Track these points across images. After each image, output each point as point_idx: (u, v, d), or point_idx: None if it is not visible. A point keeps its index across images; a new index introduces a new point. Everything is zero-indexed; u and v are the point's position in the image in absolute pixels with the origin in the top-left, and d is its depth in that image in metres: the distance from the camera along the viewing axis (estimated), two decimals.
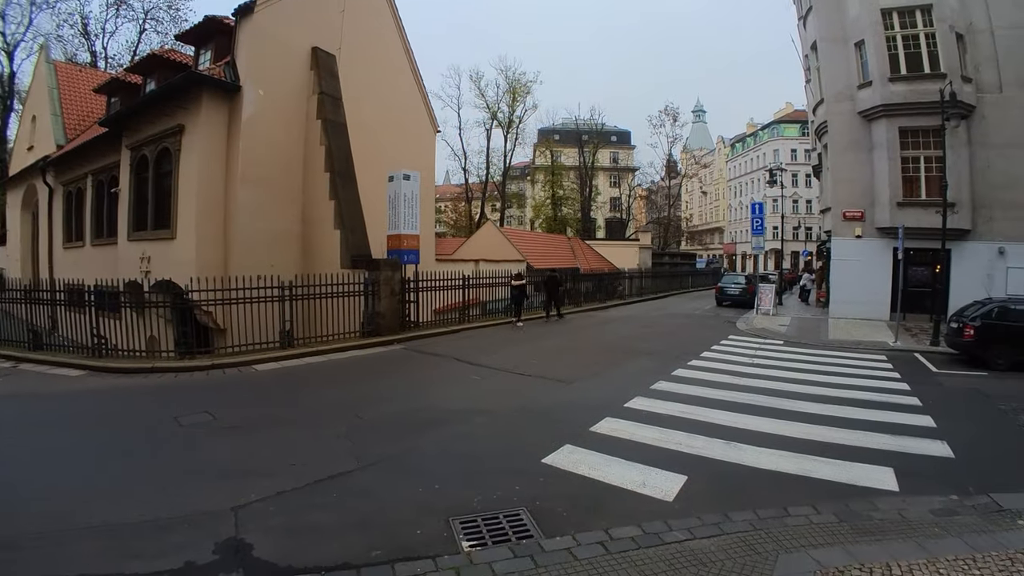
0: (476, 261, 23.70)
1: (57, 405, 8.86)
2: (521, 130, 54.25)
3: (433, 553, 3.98)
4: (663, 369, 10.68)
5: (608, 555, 3.95)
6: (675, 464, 5.69)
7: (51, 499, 4.86)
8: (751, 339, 15.26)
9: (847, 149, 19.92)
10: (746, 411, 7.74)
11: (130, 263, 15.73)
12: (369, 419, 7.44)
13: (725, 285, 27.16)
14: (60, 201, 22.05)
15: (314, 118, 15.97)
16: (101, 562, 3.87)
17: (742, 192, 72.84)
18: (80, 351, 12.23)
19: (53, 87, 22.95)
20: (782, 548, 4.05)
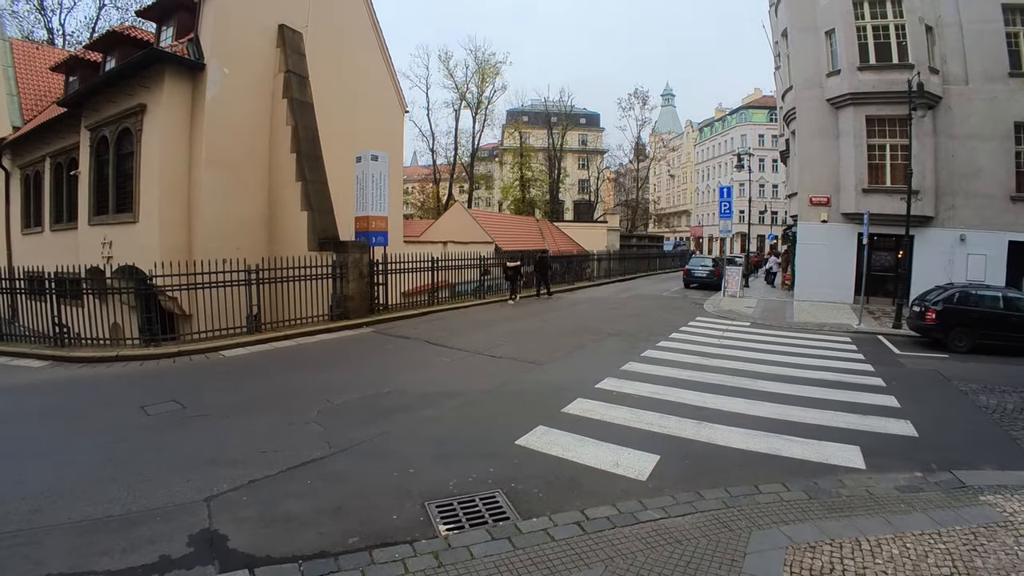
0: (444, 243, 23.56)
1: (19, 398, 8.58)
2: (490, 111, 54.11)
3: (410, 538, 3.98)
4: (633, 350, 10.79)
5: (585, 535, 4.01)
6: (647, 444, 5.78)
7: (23, 497, 4.71)
8: (719, 320, 15.50)
9: (814, 135, 20.25)
10: (715, 391, 7.90)
11: (91, 248, 15.26)
12: (339, 404, 7.39)
13: (693, 267, 27.42)
14: (17, 185, 21.29)
15: (280, 97, 15.62)
16: (73, 560, 3.78)
17: (709, 176, 73.46)
18: (42, 341, 11.90)
19: (8, 65, 21.95)
20: (755, 525, 4.15)
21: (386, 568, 3.60)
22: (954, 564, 3.68)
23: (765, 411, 7.03)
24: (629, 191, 71.78)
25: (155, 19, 16.87)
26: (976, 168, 18.14)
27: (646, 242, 54.28)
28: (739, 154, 34.79)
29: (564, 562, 3.68)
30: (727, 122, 70.10)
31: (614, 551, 3.81)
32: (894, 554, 3.78)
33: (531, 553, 3.78)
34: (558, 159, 57.74)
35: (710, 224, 68.84)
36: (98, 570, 3.67)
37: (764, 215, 57.46)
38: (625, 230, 56.31)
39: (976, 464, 5.58)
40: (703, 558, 3.73)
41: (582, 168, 68.75)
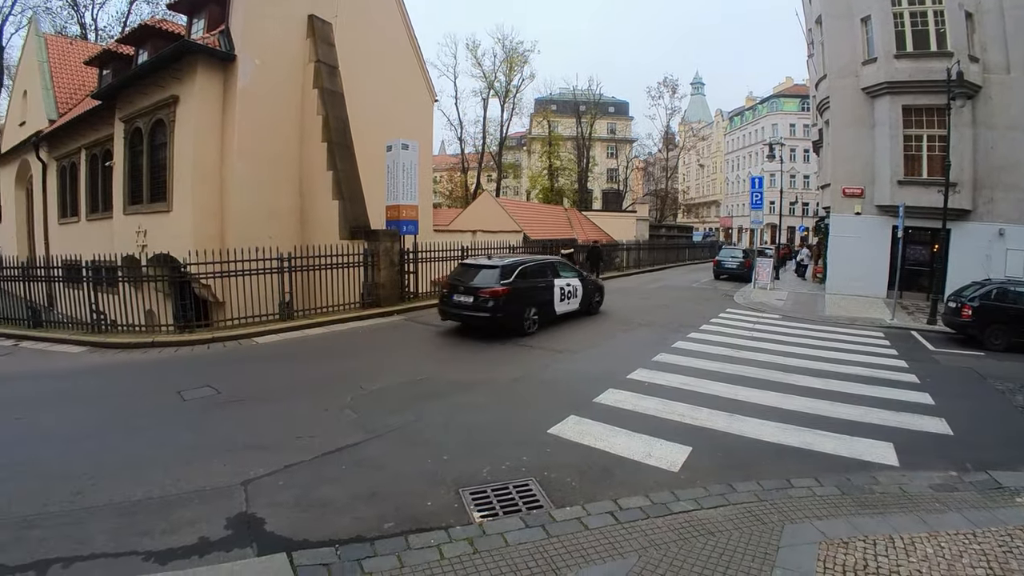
0: (473, 232, 23.62)
1: (60, 382, 8.82)
2: (518, 100, 53.96)
3: (445, 524, 4.02)
4: (663, 341, 10.74)
5: (618, 525, 4.01)
6: (679, 435, 5.76)
7: (67, 477, 4.86)
8: (749, 313, 15.32)
9: (849, 125, 19.78)
10: (747, 384, 7.82)
11: (126, 237, 15.60)
12: (373, 390, 7.47)
13: (723, 259, 27.08)
14: (54, 176, 21.78)
15: (311, 87, 15.71)
16: (115, 540, 3.88)
17: (740, 166, 72.42)
18: (80, 327, 12.19)
19: (43, 61, 22.50)
20: (787, 519, 4.11)
21: (422, 553, 3.64)
22: (989, 565, 3.60)
23: (796, 405, 6.94)
24: (658, 181, 71.03)
25: (186, 12, 17.08)
26: (1016, 160, 17.52)
27: (675, 232, 53.80)
28: (770, 144, 34.14)
29: (598, 551, 3.69)
30: (758, 111, 68.90)
31: (648, 541, 3.81)
32: (928, 553, 3.72)
33: (565, 541, 3.79)
34: (587, 148, 57.23)
35: (740, 215, 67.89)
36: (140, 550, 3.76)
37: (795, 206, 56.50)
38: (654, 220, 55.69)
39: (1013, 465, 5.44)
40: (736, 551, 3.70)
41: (611, 157, 68.24)
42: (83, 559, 3.68)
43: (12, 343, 11.80)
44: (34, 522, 4.13)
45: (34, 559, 3.67)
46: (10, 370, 9.81)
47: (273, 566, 3.50)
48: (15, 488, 4.69)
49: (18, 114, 24.86)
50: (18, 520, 4.15)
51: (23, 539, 3.90)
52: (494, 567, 3.51)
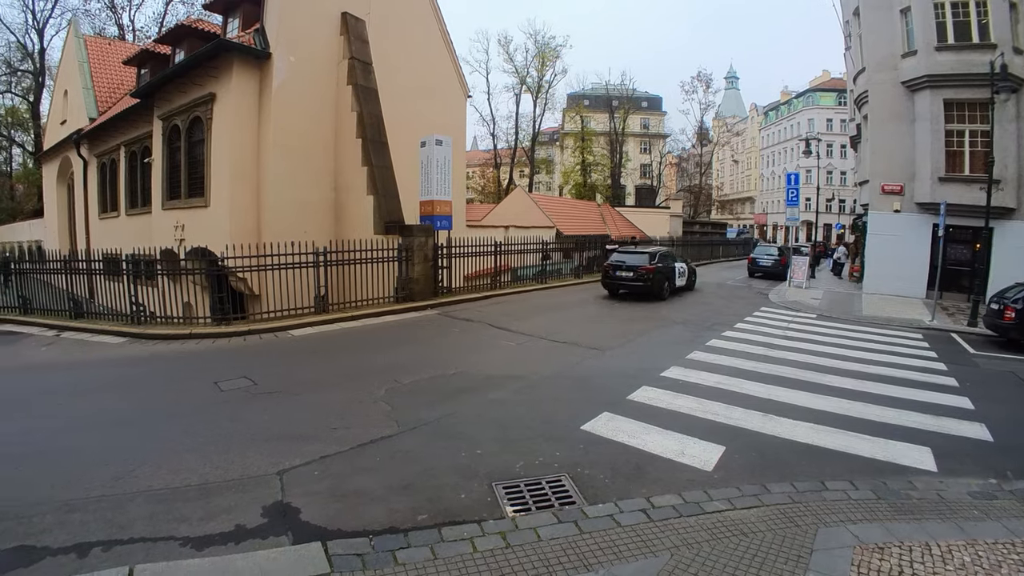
0: (506, 227, 23.68)
1: (101, 371, 9.10)
2: (550, 95, 53.82)
3: (478, 517, 4.05)
4: (697, 339, 10.65)
5: (651, 523, 3.99)
6: (713, 434, 5.70)
7: (107, 464, 5.00)
8: (784, 311, 15.09)
9: (888, 120, 19.26)
10: (781, 384, 7.70)
11: (165, 231, 16.00)
12: (406, 384, 7.53)
13: (757, 256, 26.73)
14: (94, 173, 22.45)
15: (345, 84, 15.91)
16: (153, 525, 3.99)
17: (775, 162, 71.16)
18: (119, 319, 12.54)
19: (83, 61, 23.19)
20: (821, 522, 4.04)
21: (455, 546, 3.67)
22: None
23: (832, 406, 6.80)
24: (692, 176, 70.36)
25: (221, 11, 17.43)
26: None
27: (709, 229, 53.11)
28: (806, 139, 33.44)
29: (630, 548, 3.68)
30: (793, 106, 67.55)
31: (680, 540, 3.78)
32: (965, 561, 3.62)
33: (597, 538, 3.79)
34: (619, 143, 56.73)
35: (775, 211, 66.81)
36: (177, 536, 3.86)
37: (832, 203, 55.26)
38: (688, 216, 55.14)
39: None
40: (769, 552, 3.65)
41: (644, 152, 67.67)
42: (122, 543, 3.78)
43: (54, 333, 12.19)
44: (75, 506, 4.26)
45: (75, 542, 3.79)
46: (53, 359, 10.15)
47: (308, 555, 3.55)
48: (57, 473, 4.85)
49: (59, 113, 25.70)
50: (60, 504, 4.29)
51: (65, 522, 4.03)
52: (526, 561, 3.52)
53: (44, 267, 15.58)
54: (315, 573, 3.37)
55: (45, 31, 39.45)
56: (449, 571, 3.42)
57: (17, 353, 10.76)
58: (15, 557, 3.63)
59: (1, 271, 17.98)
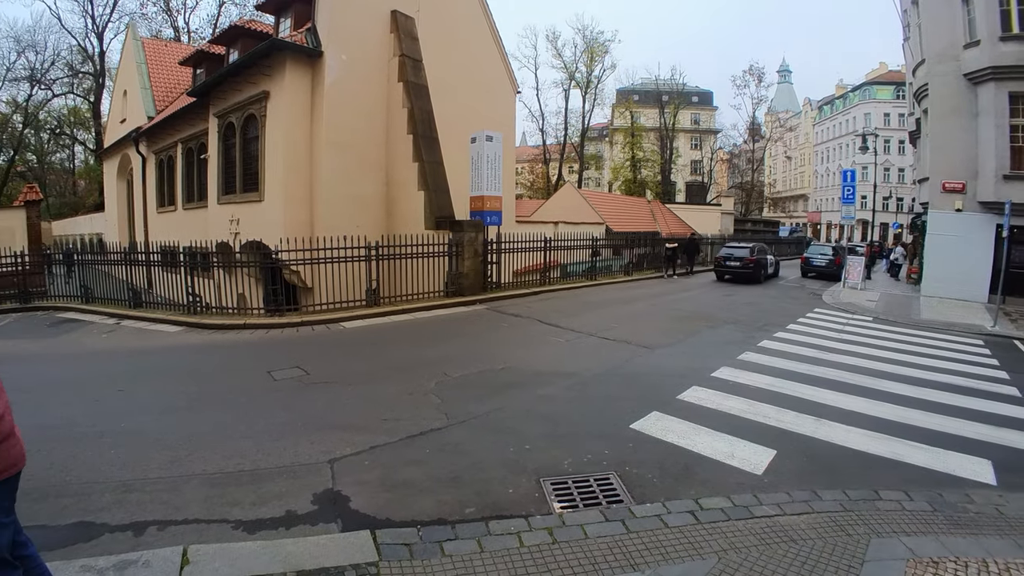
0: (555, 223, 23.68)
1: (159, 359, 9.48)
2: (599, 91, 53.87)
3: (525, 512, 4.05)
4: (748, 339, 10.44)
5: (699, 525, 3.94)
6: (763, 437, 5.58)
7: (164, 447, 5.21)
8: (838, 313, 14.64)
9: (949, 115, 18.42)
10: (835, 388, 7.48)
11: (220, 225, 16.53)
12: (456, 377, 7.60)
13: (811, 255, 26.08)
14: (152, 169, 23.35)
15: (396, 81, 16.13)
16: (207, 508, 4.13)
17: (829, 158, 68.90)
18: (176, 308, 13.03)
19: (141, 62, 24.17)
20: (873, 532, 3.90)
21: (502, 540, 3.68)
22: None
23: (886, 412, 6.56)
24: (743, 173, 68.98)
25: (273, 12, 17.84)
26: None
27: (761, 227, 51.95)
28: (863, 134, 32.24)
29: (677, 549, 3.63)
30: (849, 100, 65.18)
31: (728, 543, 3.71)
32: None
33: (644, 538, 3.76)
34: (670, 139, 56.13)
35: (829, 210, 64.83)
36: (230, 519, 3.97)
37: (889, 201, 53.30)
38: (739, 214, 54.08)
39: None
40: (819, 561, 3.54)
41: (695, 148, 66.73)
42: (177, 523, 3.92)
43: (115, 322, 12.77)
44: (133, 486, 4.45)
45: (132, 520, 3.94)
46: (113, 346, 10.61)
47: (357, 542, 3.61)
48: (116, 454, 5.07)
49: (119, 112, 26.82)
50: (119, 484, 4.49)
51: (123, 501, 4.21)
52: (572, 558, 3.50)
53: (105, 259, 16.27)
54: (363, 561, 3.41)
55: (104, 35, 41.48)
56: (496, 565, 3.43)
57: (79, 340, 11.28)
58: (75, 532, 3.81)
59: (64, 262, 18.91)
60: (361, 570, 3.34)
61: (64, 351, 10.36)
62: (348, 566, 3.37)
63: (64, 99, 46.84)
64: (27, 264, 16.05)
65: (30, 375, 8.10)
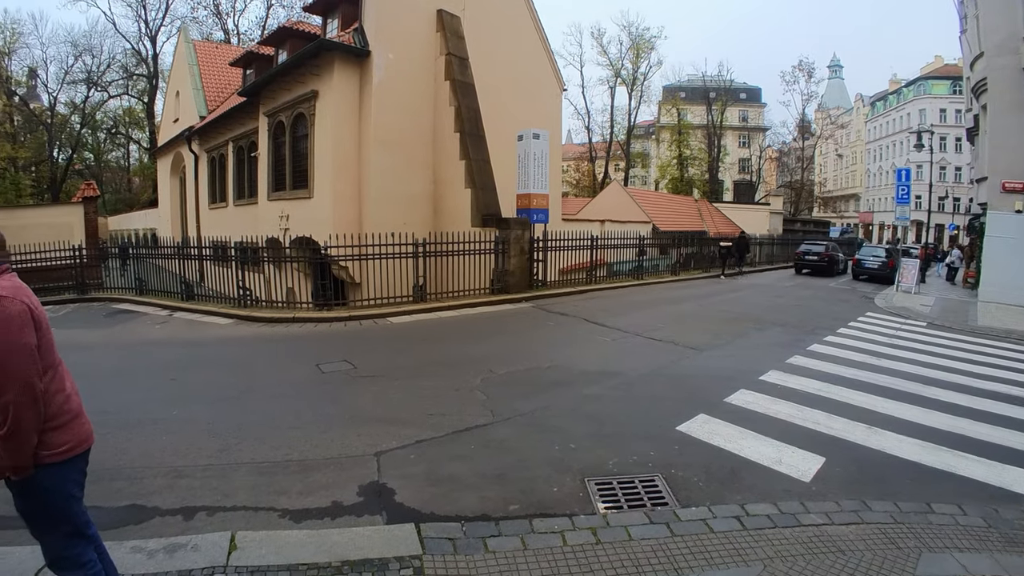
0: (602, 221, 23.66)
1: (211, 350, 9.78)
2: (645, 88, 53.43)
3: (569, 512, 4.05)
4: (798, 343, 10.22)
5: (744, 531, 3.88)
6: (812, 444, 5.46)
7: (215, 435, 5.40)
8: (891, 317, 14.19)
9: (1009, 110, 17.59)
10: (887, 395, 7.25)
11: (270, 221, 16.97)
12: (501, 374, 7.64)
13: (863, 257, 25.28)
14: (204, 166, 24.09)
15: (442, 79, 16.26)
16: (255, 496, 4.25)
17: (882, 156, 66.50)
18: (227, 301, 13.44)
19: (193, 64, 25.00)
20: (924, 546, 3.77)
21: (545, 538, 3.67)
22: None
23: (941, 422, 6.32)
24: (793, 171, 67.22)
25: (320, 13, 18.16)
26: None
27: (811, 227, 50.61)
28: (918, 132, 30.94)
29: (722, 555, 3.58)
30: (903, 95, 62.73)
31: (774, 551, 3.64)
32: None
33: (688, 542, 3.72)
34: (717, 137, 55.33)
35: (881, 210, 62.70)
36: (277, 508, 4.07)
37: (944, 202, 51.17)
38: (788, 213, 52.74)
39: None
40: (867, 573, 3.44)
41: (743, 146, 65.55)
42: (225, 510, 4.04)
43: (168, 313, 13.25)
44: (183, 472, 4.61)
45: (183, 505, 4.09)
46: (167, 336, 11.00)
47: (402, 535, 3.65)
48: (168, 440, 5.27)
49: (172, 112, 27.79)
50: (170, 469, 4.66)
51: (174, 486, 4.37)
52: (616, 559, 3.50)
53: (158, 253, 16.94)
54: (408, 554, 3.44)
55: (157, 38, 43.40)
56: (539, 562, 3.43)
57: (134, 330, 11.73)
58: (127, 514, 3.97)
59: (119, 256, 19.73)
60: (405, 563, 3.38)
61: (119, 340, 10.79)
62: (392, 558, 3.41)
63: (119, 100, 49.04)
64: (84, 257, 16.73)
65: (87, 363, 8.46)
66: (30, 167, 44.39)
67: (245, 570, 3.28)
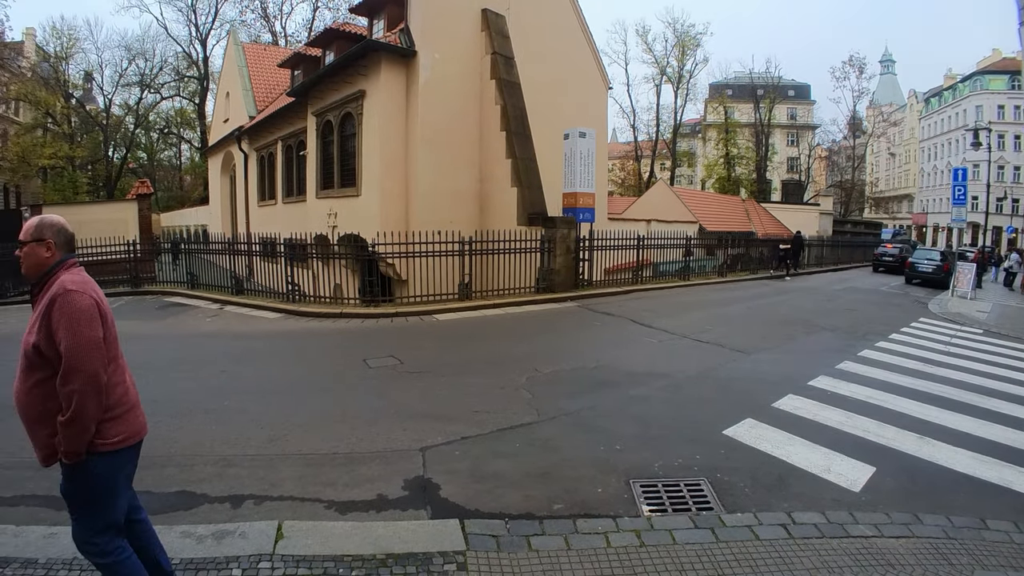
0: (648, 221, 23.46)
1: (260, 343, 10.09)
2: (691, 85, 53.06)
3: (613, 513, 4.05)
4: (848, 348, 9.95)
5: (790, 539, 3.81)
6: (862, 452, 5.34)
7: (263, 426, 5.57)
8: (945, 324, 13.70)
9: None
10: (941, 404, 7.02)
11: (319, 218, 17.30)
12: (547, 373, 7.67)
13: (916, 260, 24.49)
14: (254, 165, 24.71)
15: (488, 78, 16.34)
16: (302, 486, 4.37)
17: (937, 155, 63.56)
18: (275, 296, 13.84)
19: (242, 65, 25.71)
20: (978, 563, 3.64)
21: (588, 539, 3.67)
22: None
23: (998, 435, 6.07)
24: (843, 171, 65.34)
25: (366, 14, 18.44)
26: None
27: (862, 229, 49.35)
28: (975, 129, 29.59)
29: (767, 563, 3.53)
30: (958, 91, 59.89)
31: (820, 562, 3.57)
32: None
33: (733, 548, 3.68)
34: (765, 135, 54.30)
35: (936, 211, 60.12)
36: (323, 498, 4.18)
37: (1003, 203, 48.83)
38: (838, 214, 51.35)
39: None
40: None
41: (791, 145, 64.22)
42: (272, 499, 4.16)
43: (218, 307, 13.71)
44: (232, 461, 4.78)
45: (231, 493, 4.23)
46: (217, 329, 11.37)
47: (446, 530, 3.69)
48: (218, 430, 5.46)
49: (222, 112, 28.62)
50: (219, 458, 4.84)
51: (223, 475, 4.53)
52: (659, 563, 3.48)
53: (209, 248, 17.52)
54: (451, 549, 3.48)
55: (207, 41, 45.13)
56: (582, 563, 3.43)
57: (186, 322, 12.17)
58: (177, 500, 4.14)
59: (172, 251, 20.51)
60: (449, 558, 3.41)
61: (172, 332, 11.23)
62: (436, 553, 3.45)
63: (171, 101, 50.88)
64: (138, 252, 17.51)
65: (140, 353, 8.76)
66: (86, 166, 46.58)
67: (291, 559, 3.36)
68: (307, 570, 3.27)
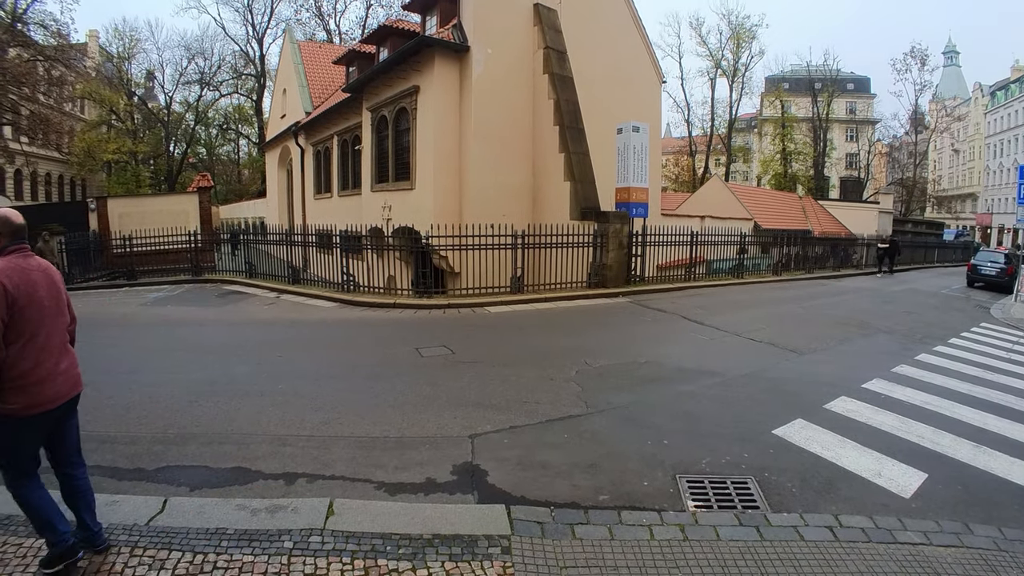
0: (701, 217, 23.16)
1: (316, 331, 10.47)
2: (747, 79, 51.65)
3: (658, 507, 4.09)
4: (904, 352, 9.69)
5: (836, 542, 3.79)
6: (914, 458, 5.25)
7: (318, 409, 5.82)
8: (1008, 330, 13.14)
9: None
10: (999, 413, 6.78)
11: (373, 211, 17.76)
12: (597, 367, 7.74)
13: (979, 263, 23.53)
14: (310, 159, 25.45)
15: (540, 73, 16.40)
16: (353, 467, 4.58)
17: (1003, 152, 59.93)
18: (330, 286, 14.30)
19: (298, 63, 26.46)
20: None
21: (632, 530, 3.72)
22: None
23: None
24: (904, 168, 62.69)
25: (419, 11, 18.76)
26: None
27: (923, 228, 47.30)
28: None
29: (811, 565, 3.52)
30: None
31: (865, 567, 3.54)
32: None
33: (778, 548, 3.67)
34: (823, 130, 52.46)
35: (1002, 211, 56.75)
36: (373, 480, 4.37)
37: None
38: (899, 213, 49.45)
39: None
40: None
41: (850, 140, 61.83)
42: (324, 478, 4.37)
43: (275, 295, 14.28)
44: (287, 441, 5.03)
45: (285, 471, 4.47)
46: (274, 316, 11.84)
47: (492, 515, 3.80)
48: (274, 412, 5.73)
49: (279, 108, 29.53)
50: (274, 437, 5.09)
51: (277, 453, 4.77)
52: (702, 558, 3.52)
53: (267, 239, 18.22)
54: (497, 533, 3.57)
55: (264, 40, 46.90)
56: (624, 554, 3.48)
57: (244, 309, 12.70)
58: (233, 475, 4.39)
59: (230, 242, 21.38)
60: (494, 541, 3.52)
61: (231, 318, 11.73)
62: (481, 536, 3.57)
63: (229, 98, 53.09)
64: (199, 242, 18.47)
65: (202, 337, 9.29)
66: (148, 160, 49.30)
67: (341, 535, 3.53)
68: (356, 545, 3.44)
